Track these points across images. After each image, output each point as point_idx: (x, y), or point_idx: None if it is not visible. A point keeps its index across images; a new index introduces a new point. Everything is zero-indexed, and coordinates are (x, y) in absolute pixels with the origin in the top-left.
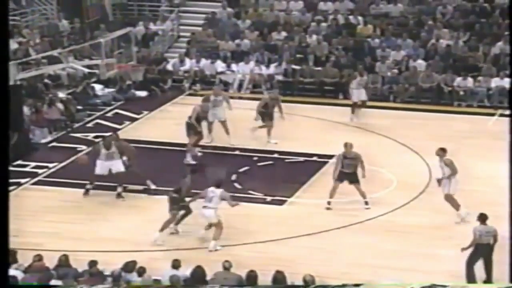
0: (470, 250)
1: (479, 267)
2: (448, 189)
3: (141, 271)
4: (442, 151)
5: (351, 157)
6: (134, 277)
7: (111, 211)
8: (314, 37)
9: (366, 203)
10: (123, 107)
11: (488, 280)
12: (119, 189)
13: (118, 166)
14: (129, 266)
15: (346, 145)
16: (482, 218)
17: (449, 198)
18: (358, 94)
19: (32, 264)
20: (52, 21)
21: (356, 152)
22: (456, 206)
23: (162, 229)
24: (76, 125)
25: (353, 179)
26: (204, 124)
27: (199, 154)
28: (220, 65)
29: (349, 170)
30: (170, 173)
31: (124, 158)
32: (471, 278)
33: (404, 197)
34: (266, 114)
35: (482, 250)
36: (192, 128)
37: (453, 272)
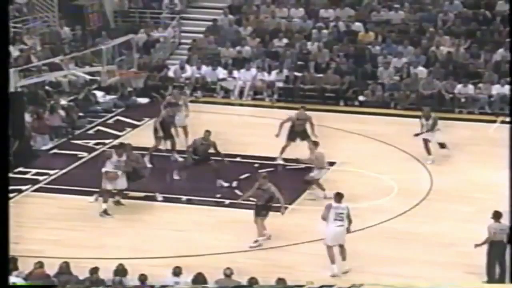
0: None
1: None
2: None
3: (143, 279)
4: (338, 197)
5: (264, 188)
6: (134, 281)
7: (112, 218)
8: (315, 44)
9: (256, 241)
10: (124, 114)
11: (502, 277)
12: (117, 197)
13: (122, 183)
14: (119, 271)
15: (263, 176)
16: (497, 215)
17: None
18: (427, 136)
19: (33, 271)
20: (53, 28)
21: (271, 184)
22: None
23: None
24: (77, 132)
25: (263, 213)
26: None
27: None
28: (221, 72)
29: (261, 201)
30: (171, 179)
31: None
32: (491, 276)
33: (405, 204)
34: (296, 134)
35: (496, 248)
36: (155, 132)
37: (455, 279)
